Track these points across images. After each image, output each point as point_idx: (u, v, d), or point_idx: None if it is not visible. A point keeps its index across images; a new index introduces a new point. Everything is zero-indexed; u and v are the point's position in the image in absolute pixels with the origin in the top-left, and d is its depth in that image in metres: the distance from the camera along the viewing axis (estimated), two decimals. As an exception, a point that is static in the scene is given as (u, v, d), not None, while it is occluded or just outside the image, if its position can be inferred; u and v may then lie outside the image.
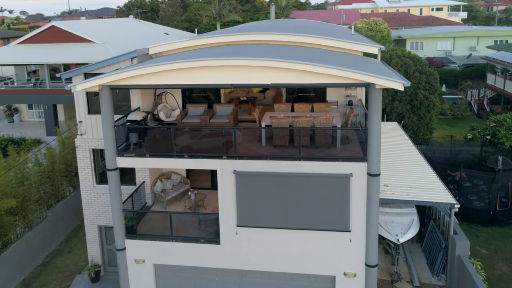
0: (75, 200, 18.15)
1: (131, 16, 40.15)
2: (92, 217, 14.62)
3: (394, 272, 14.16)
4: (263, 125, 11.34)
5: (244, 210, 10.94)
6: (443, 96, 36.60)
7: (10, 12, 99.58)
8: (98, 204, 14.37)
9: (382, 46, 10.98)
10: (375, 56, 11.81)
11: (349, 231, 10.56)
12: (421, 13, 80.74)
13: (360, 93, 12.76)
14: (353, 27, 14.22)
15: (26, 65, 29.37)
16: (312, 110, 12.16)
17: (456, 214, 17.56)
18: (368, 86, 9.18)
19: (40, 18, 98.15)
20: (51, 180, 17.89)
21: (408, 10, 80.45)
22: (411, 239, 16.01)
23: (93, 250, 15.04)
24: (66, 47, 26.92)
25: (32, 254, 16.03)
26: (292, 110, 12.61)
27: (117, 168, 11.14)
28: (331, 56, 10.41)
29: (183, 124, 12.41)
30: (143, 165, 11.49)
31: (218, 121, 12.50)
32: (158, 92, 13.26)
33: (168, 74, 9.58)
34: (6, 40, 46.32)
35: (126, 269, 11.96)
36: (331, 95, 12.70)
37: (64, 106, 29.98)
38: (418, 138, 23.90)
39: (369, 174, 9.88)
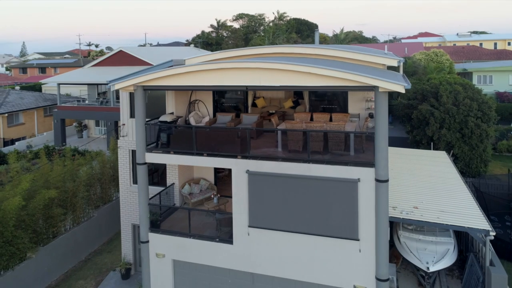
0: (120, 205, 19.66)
1: (192, 45, 43.51)
2: (128, 215, 15.76)
3: None
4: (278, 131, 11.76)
5: (255, 211, 11.27)
6: (512, 133, 34.03)
7: (96, 46, 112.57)
8: (134, 203, 15.47)
9: (402, 59, 11.04)
10: (396, 69, 11.85)
11: (358, 240, 10.36)
12: (495, 47, 76.34)
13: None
14: (386, 47, 14.37)
15: (96, 84, 32.99)
16: (331, 120, 12.35)
17: (509, 254, 15.99)
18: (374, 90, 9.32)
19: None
20: (100, 183, 19.64)
21: (480, 44, 76.53)
22: (451, 274, 14.93)
23: (126, 248, 16.05)
24: (130, 70, 29.74)
25: (77, 249, 17.46)
26: (312, 119, 12.90)
27: (145, 163, 12.21)
28: (345, 65, 10.69)
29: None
30: (167, 161, 12.44)
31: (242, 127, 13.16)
32: (191, 100, 14.39)
33: (189, 76, 10.62)
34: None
35: (148, 261, 12.73)
36: (352, 107, 12.82)
37: (126, 123, 32.89)
38: (471, 170, 22.27)
39: (377, 180, 9.76)
